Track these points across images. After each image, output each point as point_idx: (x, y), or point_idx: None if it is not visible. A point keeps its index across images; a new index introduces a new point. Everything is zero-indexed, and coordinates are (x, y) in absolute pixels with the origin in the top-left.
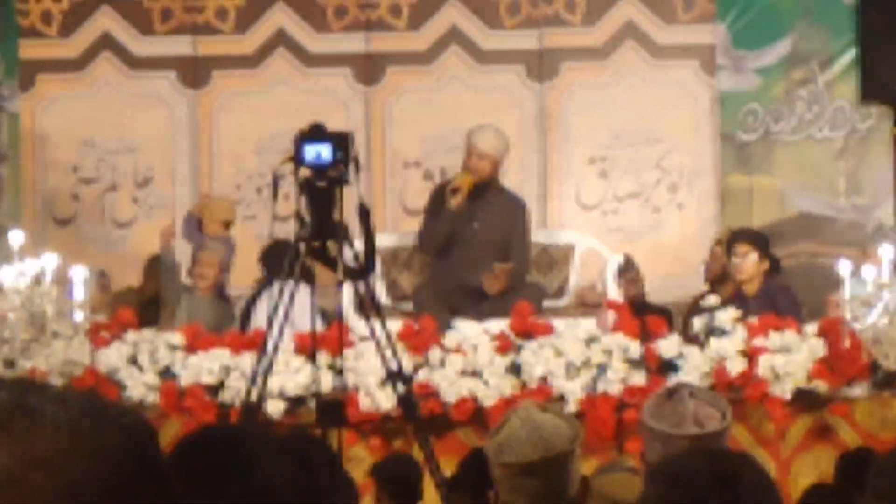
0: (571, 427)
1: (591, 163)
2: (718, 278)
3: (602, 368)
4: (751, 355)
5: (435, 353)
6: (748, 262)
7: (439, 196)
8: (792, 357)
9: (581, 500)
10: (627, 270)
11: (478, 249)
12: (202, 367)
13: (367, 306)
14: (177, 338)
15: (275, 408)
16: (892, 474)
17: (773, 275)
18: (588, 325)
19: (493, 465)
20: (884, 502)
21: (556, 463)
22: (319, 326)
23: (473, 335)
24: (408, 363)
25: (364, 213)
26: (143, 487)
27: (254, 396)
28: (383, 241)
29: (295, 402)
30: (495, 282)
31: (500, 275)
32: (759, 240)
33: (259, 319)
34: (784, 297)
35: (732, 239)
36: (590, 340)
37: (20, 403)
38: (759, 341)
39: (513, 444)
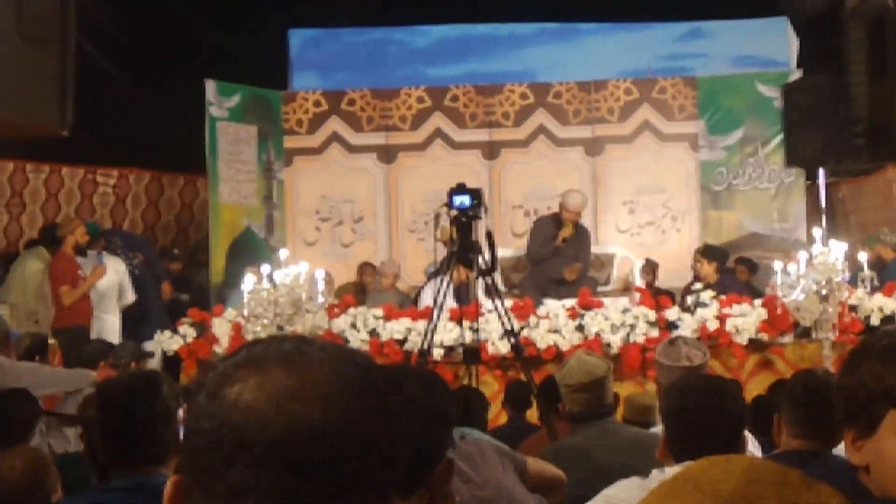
0: (605, 363)
1: (624, 204)
2: (698, 273)
3: (632, 327)
4: (721, 318)
5: (532, 319)
6: (702, 267)
7: (540, 229)
8: (747, 319)
9: (615, 407)
10: (648, 267)
11: (560, 258)
12: (394, 329)
13: (492, 291)
14: (378, 312)
15: (437, 353)
16: (794, 389)
17: (726, 269)
18: (624, 301)
19: (560, 386)
20: (791, 405)
21: (596, 383)
22: (454, 304)
23: (555, 308)
24: (516, 325)
25: (489, 236)
26: (372, 400)
27: (425, 346)
28: (501, 252)
29: (449, 350)
30: (572, 273)
31: (576, 270)
32: (707, 252)
33: (425, 301)
34: (731, 283)
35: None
36: (625, 310)
37: (299, 349)
38: (726, 310)
39: (570, 372)
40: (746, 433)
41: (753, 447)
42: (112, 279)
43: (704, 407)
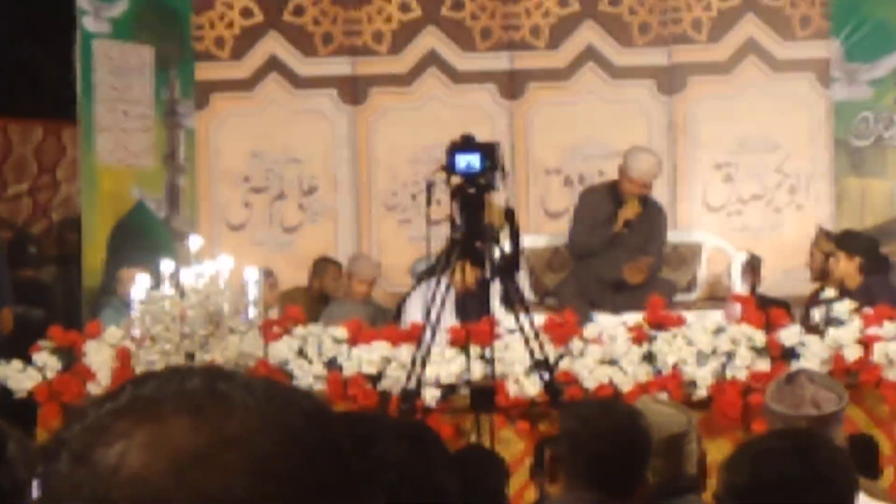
0: (684, 413)
1: (717, 168)
2: (822, 274)
3: (729, 356)
4: (866, 343)
5: (576, 344)
6: (837, 263)
7: (589, 206)
8: None
9: (701, 478)
10: (753, 264)
11: (619, 249)
12: (363, 358)
13: (514, 301)
14: (340, 332)
15: (431, 395)
16: None
17: (875, 270)
18: (716, 316)
19: None
20: None
21: (670, 444)
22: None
23: (611, 327)
24: (552, 353)
25: (510, 216)
26: (325, 464)
27: (412, 384)
28: (527, 241)
29: (449, 390)
30: (637, 273)
31: (643, 266)
32: (843, 242)
33: (412, 315)
34: (881, 289)
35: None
36: (717, 331)
37: (211, 389)
38: (873, 330)
39: None
40: None
41: None
42: None
43: (788, 482)
